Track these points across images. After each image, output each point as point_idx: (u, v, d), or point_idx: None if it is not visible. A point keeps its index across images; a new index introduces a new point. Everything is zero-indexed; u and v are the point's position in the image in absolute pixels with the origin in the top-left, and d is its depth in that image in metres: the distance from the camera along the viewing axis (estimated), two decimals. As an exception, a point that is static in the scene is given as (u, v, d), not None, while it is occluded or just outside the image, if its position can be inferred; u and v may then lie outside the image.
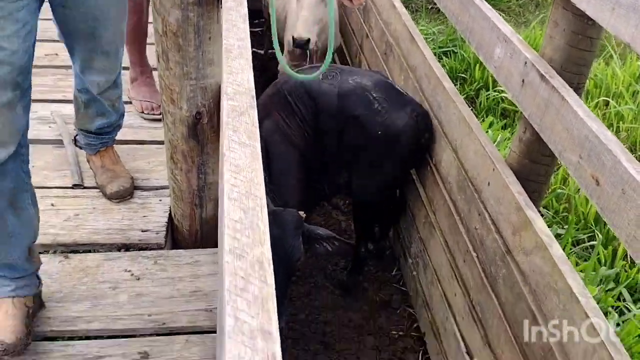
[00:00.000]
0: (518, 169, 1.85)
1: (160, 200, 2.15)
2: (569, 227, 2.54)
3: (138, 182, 2.23)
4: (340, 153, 2.35)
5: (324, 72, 2.39)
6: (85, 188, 2.19)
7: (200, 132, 1.76)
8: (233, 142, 0.79)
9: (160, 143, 2.30)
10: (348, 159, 2.37)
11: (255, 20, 4.21)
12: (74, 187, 2.18)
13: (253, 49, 1.78)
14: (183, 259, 1.96)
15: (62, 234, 1.99)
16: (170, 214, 2.09)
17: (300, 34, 2.68)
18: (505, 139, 3.03)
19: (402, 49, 2.77)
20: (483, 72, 3.68)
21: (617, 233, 1.37)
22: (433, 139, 2.36)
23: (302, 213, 1.96)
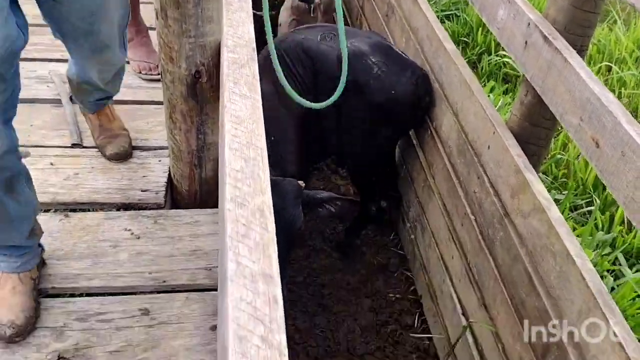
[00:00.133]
0: (518, 132, 1.85)
1: (160, 161, 2.15)
2: (568, 192, 2.55)
3: (137, 142, 2.22)
4: (339, 117, 2.34)
5: (321, 33, 2.36)
6: (84, 147, 2.18)
7: (200, 91, 1.75)
8: (234, 94, 0.78)
9: (159, 103, 2.28)
10: (346, 123, 2.35)
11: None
12: (73, 146, 2.17)
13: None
14: (183, 219, 1.97)
15: (61, 193, 1.99)
16: (170, 174, 2.09)
17: None
18: (507, 104, 3.02)
19: (404, 11, 2.73)
20: (486, 36, 3.64)
21: (615, 195, 1.38)
22: (433, 102, 2.35)
23: (301, 182, 1.95)
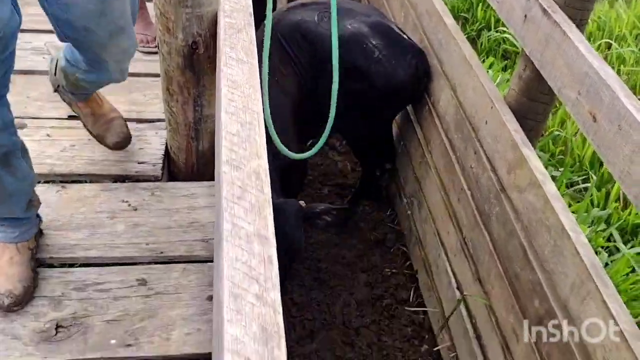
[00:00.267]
0: (516, 107, 1.85)
1: (157, 133, 2.14)
2: (564, 169, 2.55)
3: (134, 114, 2.21)
4: (338, 100, 2.32)
5: (319, 12, 2.32)
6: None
7: (196, 62, 1.74)
8: (230, 58, 0.78)
9: (156, 76, 2.26)
10: (346, 105, 2.35)
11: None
12: (69, 118, 2.16)
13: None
14: (180, 191, 1.98)
15: (58, 164, 1.99)
16: (167, 147, 2.09)
17: None
18: (506, 80, 3.00)
19: (403, -15, 2.70)
20: (485, 11, 3.61)
21: (611, 169, 1.38)
22: (431, 79, 2.34)
23: (302, 202, 1.96)
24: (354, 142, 2.65)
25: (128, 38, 1.60)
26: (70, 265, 1.74)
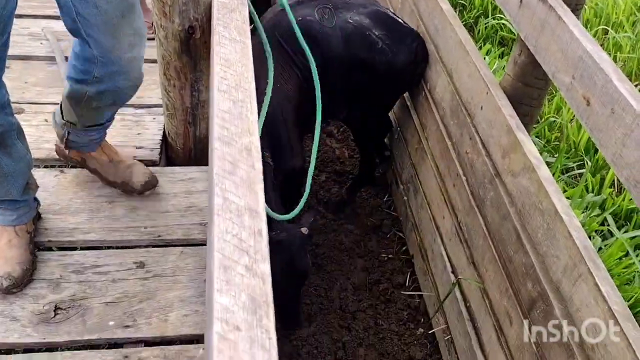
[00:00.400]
0: (511, 93, 1.86)
1: (154, 119, 2.15)
2: (559, 154, 2.57)
3: (132, 100, 2.21)
4: (341, 92, 2.32)
5: (318, 8, 2.29)
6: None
7: (193, 47, 1.74)
8: (223, 37, 0.79)
9: (153, 62, 2.26)
10: (349, 97, 2.35)
11: None
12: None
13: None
14: (177, 176, 1.99)
15: (56, 149, 2.00)
16: (164, 132, 2.10)
17: None
18: (502, 67, 3.01)
19: (401, -29, 2.70)
20: (483, -1, 3.61)
21: (603, 152, 1.40)
22: (428, 64, 2.35)
23: (304, 230, 1.95)
24: (357, 130, 2.66)
25: (138, 17, 1.52)
26: (70, 249, 1.76)
